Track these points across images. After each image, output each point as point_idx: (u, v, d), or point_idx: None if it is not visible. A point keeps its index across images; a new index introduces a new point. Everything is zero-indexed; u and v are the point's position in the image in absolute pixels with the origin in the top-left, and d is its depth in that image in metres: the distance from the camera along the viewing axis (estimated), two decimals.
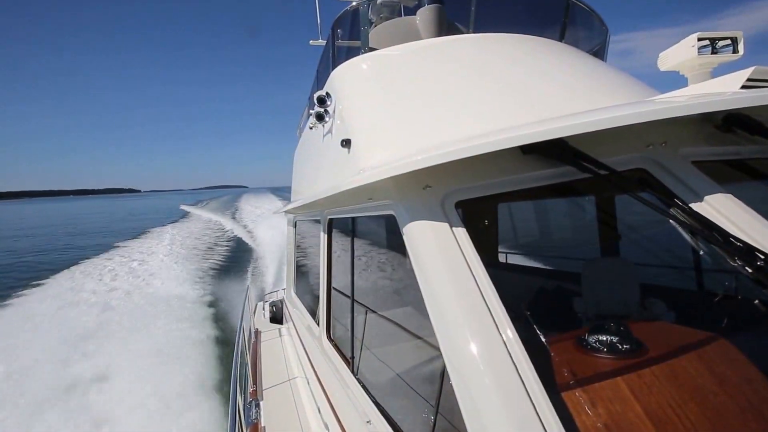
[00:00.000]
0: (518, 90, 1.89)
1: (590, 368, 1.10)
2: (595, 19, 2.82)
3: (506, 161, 1.34)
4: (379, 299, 2.37)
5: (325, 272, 2.72)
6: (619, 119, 1.04)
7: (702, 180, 1.33)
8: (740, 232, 1.17)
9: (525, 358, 0.98)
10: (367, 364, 2.11)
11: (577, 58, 2.31)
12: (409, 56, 2.18)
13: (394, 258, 2.07)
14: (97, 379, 6.43)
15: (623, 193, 1.24)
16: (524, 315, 1.23)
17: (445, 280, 1.16)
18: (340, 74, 2.30)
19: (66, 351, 7.58)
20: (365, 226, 2.27)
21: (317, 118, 2.34)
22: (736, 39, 1.51)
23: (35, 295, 12.40)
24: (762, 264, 1.03)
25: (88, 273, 15.15)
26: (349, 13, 2.55)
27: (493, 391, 0.95)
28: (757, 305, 1.21)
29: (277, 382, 3.62)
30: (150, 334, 8.14)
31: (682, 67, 1.64)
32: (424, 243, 1.27)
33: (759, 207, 1.26)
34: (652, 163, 1.38)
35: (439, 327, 1.14)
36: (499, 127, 1.58)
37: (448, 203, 1.32)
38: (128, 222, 42.14)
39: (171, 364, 6.71)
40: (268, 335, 4.95)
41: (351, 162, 1.93)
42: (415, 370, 1.78)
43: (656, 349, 1.12)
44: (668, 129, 1.41)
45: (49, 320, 9.52)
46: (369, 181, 1.42)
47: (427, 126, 1.78)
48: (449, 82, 1.99)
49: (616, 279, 1.79)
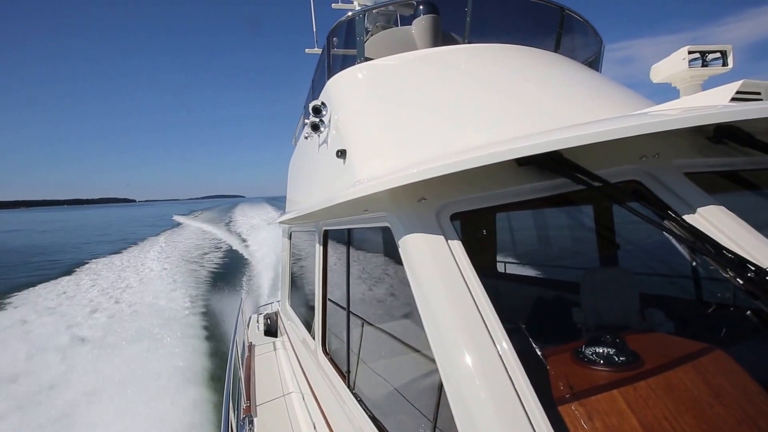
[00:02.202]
0: (514, 101, 1.91)
1: (587, 381, 1.09)
2: (590, 30, 2.88)
3: (502, 173, 1.34)
4: (376, 312, 2.34)
5: (320, 284, 2.69)
6: (613, 132, 1.05)
7: (694, 191, 1.35)
8: (732, 243, 1.18)
9: (520, 371, 0.98)
10: (364, 378, 2.07)
11: (573, 69, 2.34)
12: (404, 66, 2.20)
13: (390, 270, 2.05)
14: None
15: (617, 205, 1.25)
16: (521, 327, 1.22)
17: (440, 292, 1.16)
18: (335, 84, 2.31)
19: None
20: (361, 237, 2.25)
21: (312, 128, 2.33)
22: (726, 52, 1.55)
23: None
24: (753, 275, 1.04)
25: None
26: (344, 23, 2.56)
27: (488, 405, 0.94)
28: (749, 316, 1.21)
29: (272, 398, 3.54)
30: (135, 349, 7.85)
31: (674, 80, 1.68)
32: (419, 255, 1.27)
33: (750, 217, 1.27)
34: (645, 175, 1.40)
35: (435, 340, 1.14)
36: (495, 137, 1.59)
37: (444, 215, 1.32)
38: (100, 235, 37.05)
39: (158, 379, 6.53)
40: (262, 349, 4.86)
41: (346, 173, 1.92)
42: (413, 384, 1.75)
43: (652, 361, 1.12)
44: (661, 141, 1.43)
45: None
46: (364, 193, 1.42)
47: (423, 136, 1.78)
48: (445, 92, 2.00)
49: (615, 288, 1.79)
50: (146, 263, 18.66)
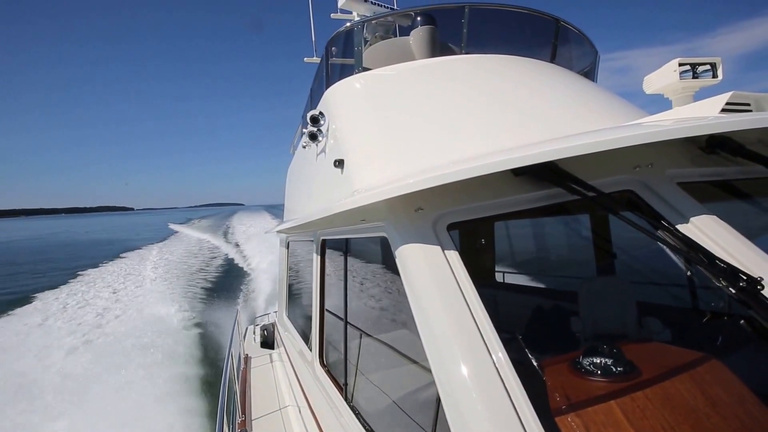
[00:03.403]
0: (511, 111, 1.93)
1: (584, 392, 1.09)
2: (585, 41, 2.92)
3: (498, 183, 1.35)
4: (374, 322, 2.32)
5: (318, 294, 2.66)
6: (607, 143, 1.07)
7: (688, 201, 1.36)
8: (724, 253, 1.20)
9: (517, 382, 0.98)
10: (362, 390, 2.04)
11: (569, 79, 2.37)
12: (402, 76, 2.22)
13: (388, 279, 2.04)
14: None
15: (612, 215, 1.26)
16: (518, 337, 1.23)
17: (436, 303, 1.16)
18: (333, 93, 2.32)
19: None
20: (360, 246, 2.24)
21: (310, 138, 2.34)
22: (715, 64, 1.58)
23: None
24: (744, 285, 1.06)
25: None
26: (343, 33, 2.58)
27: (485, 417, 0.94)
28: (743, 325, 1.22)
29: (268, 412, 3.47)
30: (130, 364, 7.70)
31: (666, 91, 1.71)
32: (415, 265, 1.27)
33: (742, 226, 1.29)
34: (639, 185, 1.41)
35: (431, 351, 1.13)
36: (491, 147, 1.60)
37: (440, 225, 1.32)
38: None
39: (154, 392, 6.40)
40: (258, 361, 4.78)
41: (344, 182, 1.93)
42: (411, 396, 1.73)
43: (649, 371, 1.12)
44: (654, 151, 1.45)
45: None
46: (360, 204, 1.42)
47: (420, 146, 1.79)
48: (442, 102, 2.02)
49: (612, 297, 1.79)
50: (143, 273, 18.50)
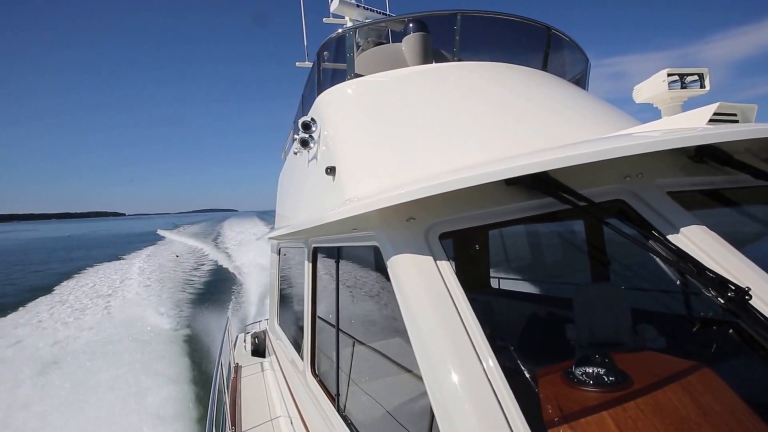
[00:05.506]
0: (503, 118, 1.94)
1: (576, 402, 1.08)
2: (576, 49, 2.96)
3: (490, 193, 1.35)
4: (367, 331, 2.29)
5: (309, 302, 2.62)
6: (597, 154, 1.08)
7: (677, 211, 1.38)
8: (713, 262, 1.21)
9: (509, 393, 0.98)
10: (354, 400, 2.00)
11: (560, 87, 2.39)
12: (394, 83, 2.21)
13: (380, 288, 2.02)
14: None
15: (603, 224, 1.26)
16: (510, 347, 1.22)
17: (427, 312, 1.15)
18: (325, 100, 2.30)
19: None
20: (351, 254, 2.21)
21: (302, 144, 2.31)
22: (703, 75, 1.61)
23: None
24: (733, 295, 1.07)
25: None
26: (335, 38, 2.56)
27: (477, 428, 0.93)
28: (732, 334, 1.23)
29: (258, 423, 3.40)
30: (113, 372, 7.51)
31: (655, 100, 1.73)
32: (407, 275, 1.26)
33: (731, 234, 1.31)
34: (629, 195, 1.43)
35: (422, 361, 1.13)
36: (483, 155, 1.60)
37: (432, 235, 1.32)
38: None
39: (139, 402, 6.24)
40: (249, 370, 4.70)
41: (335, 190, 1.91)
42: (405, 407, 1.70)
43: (641, 380, 1.12)
44: (644, 161, 1.47)
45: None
46: (352, 213, 1.41)
47: (412, 154, 1.79)
48: (434, 109, 2.02)
49: (606, 304, 1.79)
50: (130, 278, 18.16)
